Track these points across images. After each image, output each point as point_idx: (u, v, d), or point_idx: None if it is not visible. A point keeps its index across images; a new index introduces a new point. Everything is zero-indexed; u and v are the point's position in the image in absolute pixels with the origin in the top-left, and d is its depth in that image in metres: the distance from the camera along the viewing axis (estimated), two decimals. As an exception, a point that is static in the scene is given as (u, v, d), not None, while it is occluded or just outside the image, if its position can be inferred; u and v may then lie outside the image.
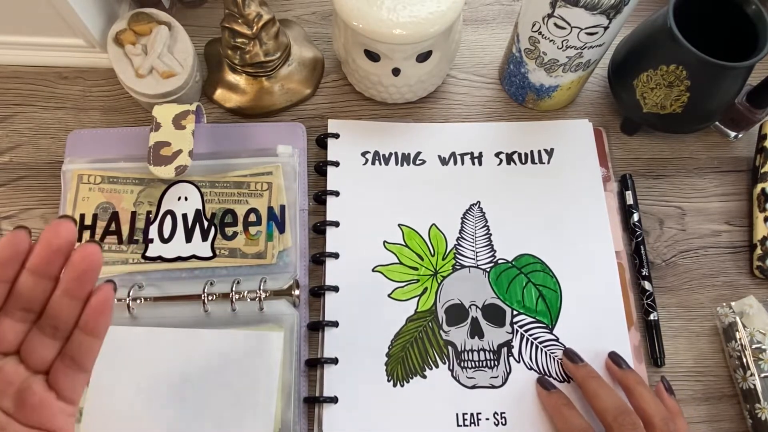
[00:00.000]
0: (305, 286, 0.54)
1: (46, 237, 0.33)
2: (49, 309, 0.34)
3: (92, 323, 0.35)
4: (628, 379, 0.48)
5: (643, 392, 0.46)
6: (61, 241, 0.33)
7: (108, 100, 0.61)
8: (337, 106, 0.62)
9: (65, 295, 0.34)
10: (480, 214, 0.57)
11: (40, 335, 0.35)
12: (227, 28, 0.56)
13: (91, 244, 0.34)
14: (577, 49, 0.52)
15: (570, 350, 0.51)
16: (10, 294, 0.34)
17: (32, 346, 0.35)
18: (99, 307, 0.35)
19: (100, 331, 0.35)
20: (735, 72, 0.51)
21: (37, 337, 0.35)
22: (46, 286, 0.34)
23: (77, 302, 0.34)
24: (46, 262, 0.33)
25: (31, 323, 0.35)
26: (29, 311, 0.34)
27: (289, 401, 0.49)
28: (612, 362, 0.50)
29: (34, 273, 0.33)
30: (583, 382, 0.48)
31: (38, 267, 0.33)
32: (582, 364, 0.50)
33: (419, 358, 0.51)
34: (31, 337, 0.35)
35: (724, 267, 0.57)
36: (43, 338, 0.35)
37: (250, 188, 0.56)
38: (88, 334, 0.35)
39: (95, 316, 0.35)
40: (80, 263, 0.33)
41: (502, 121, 0.62)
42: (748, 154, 0.62)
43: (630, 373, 0.48)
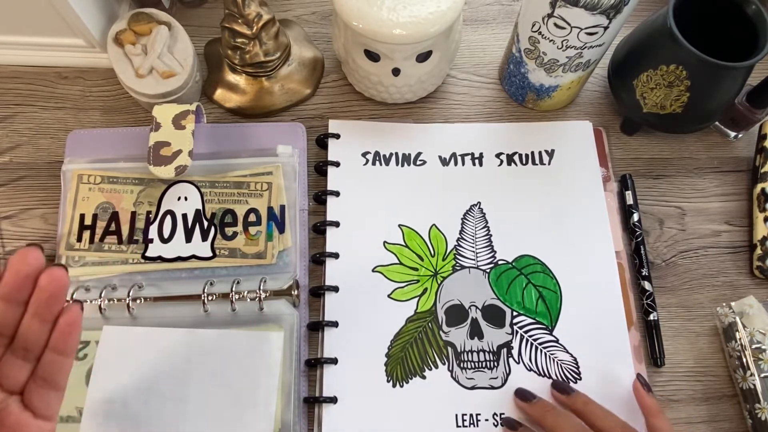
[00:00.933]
0: (305, 286, 0.54)
1: (14, 265, 0.34)
2: (20, 332, 0.36)
3: (62, 343, 0.36)
4: (576, 403, 0.48)
5: (593, 410, 0.47)
6: (29, 269, 0.34)
7: (108, 100, 0.61)
8: (337, 106, 0.62)
9: (34, 318, 0.35)
10: (480, 215, 0.57)
11: (12, 358, 0.36)
12: (227, 28, 0.56)
13: (58, 268, 0.35)
14: (577, 49, 0.52)
15: (521, 389, 0.50)
16: None
17: (6, 369, 0.36)
18: (67, 328, 0.36)
19: (70, 350, 0.37)
20: (735, 72, 0.51)
21: (10, 359, 0.36)
22: (17, 311, 0.35)
23: (46, 324, 0.36)
24: (16, 288, 0.34)
25: (4, 348, 0.36)
26: (1, 336, 0.36)
27: (289, 401, 0.49)
28: (557, 391, 0.49)
29: (4, 300, 0.35)
30: (541, 418, 0.48)
31: (8, 294, 0.34)
32: (535, 401, 0.49)
33: (419, 358, 0.51)
34: (5, 360, 0.36)
35: (724, 267, 0.57)
36: (15, 360, 0.36)
37: (250, 188, 0.56)
38: (59, 354, 0.36)
39: (64, 336, 0.36)
40: (47, 287, 0.35)
41: (502, 122, 0.62)
42: (748, 154, 0.62)
43: (576, 397, 0.48)
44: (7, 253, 0.55)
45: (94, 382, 0.48)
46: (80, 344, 0.49)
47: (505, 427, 0.49)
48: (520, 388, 0.51)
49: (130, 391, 0.48)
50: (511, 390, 0.51)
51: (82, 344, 0.50)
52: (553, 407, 0.48)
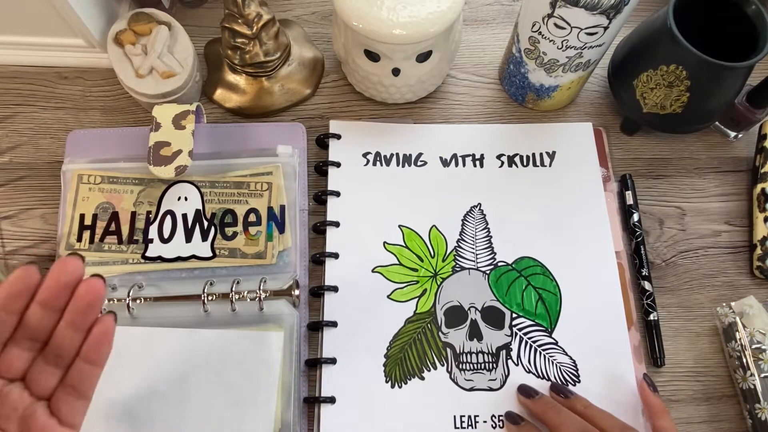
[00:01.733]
0: (305, 286, 0.54)
1: (55, 272, 0.35)
2: (54, 339, 0.37)
3: (93, 353, 0.37)
4: (575, 406, 0.48)
5: (593, 413, 0.47)
6: (68, 278, 0.35)
7: (108, 100, 0.61)
8: (337, 106, 0.62)
9: (69, 327, 0.36)
10: (480, 216, 0.57)
11: (44, 364, 0.37)
12: (227, 28, 0.56)
13: (96, 279, 0.36)
14: (577, 49, 0.52)
15: (524, 386, 0.50)
16: (20, 326, 0.36)
17: (37, 374, 0.37)
18: (100, 338, 0.37)
19: (101, 360, 0.38)
20: (735, 72, 0.51)
21: (42, 365, 0.37)
22: (53, 318, 0.36)
23: (80, 333, 0.37)
24: (55, 296, 0.35)
25: (36, 352, 0.37)
26: (35, 341, 0.37)
27: (289, 401, 0.49)
28: (556, 394, 0.50)
29: (42, 306, 0.35)
30: (543, 414, 0.48)
31: (47, 300, 0.35)
32: (538, 398, 0.49)
33: (418, 359, 0.51)
34: (36, 365, 0.37)
35: (724, 267, 0.57)
36: (46, 366, 0.37)
37: (250, 188, 0.56)
38: (89, 363, 0.37)
39: (97, 346, 0.37)
40: (85, 296, 0.36)
41: (502, 122, 0.62)
42: (748, 154, 0.62)
43: (576, 401, 0.48)
44: (7, 253, 0.55)
45: (94, 382, 0.48)
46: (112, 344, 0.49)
47: (508, 421, 0.49)
48: (523, 384, 0.51)
49: (130, 391, 0.48)
50: (510, 392, 0.50)
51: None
52: (555, 404, 0.48)
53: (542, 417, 0.48)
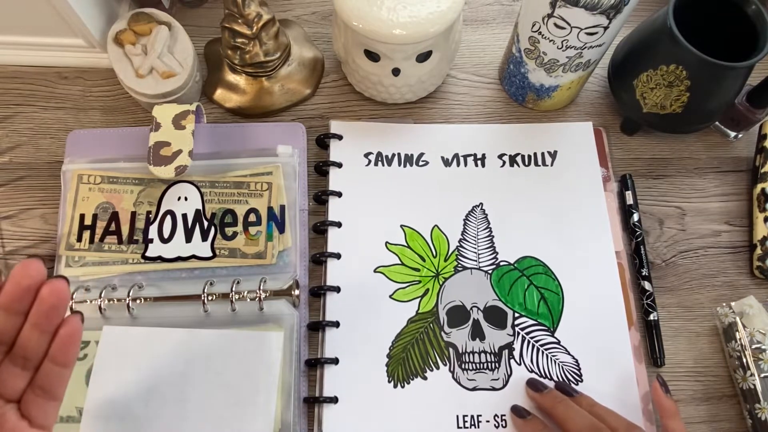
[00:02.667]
0: (305, 286, 0.54)
1: (16, 276, 0.35)
2: (20, 342, 0.36)
3: (61, 354, 0.37)
4: (581, 404, 0.48)
5: (598, 412, 0.47)
6: (30, 281, 0.35)
7: (108, 100, 0.61)
8: (337, 106, 0.62)
9: (35, 329, 0.36)
10: (482, 216, 0.57)
11: (11, 366, 0.36)
12: (227, 28, 0.56)
13: (59, 280, 0.35)
14: (577, 49, 0.52)
15: (533, 379, 0.51)
16: None
17: (4, 377, 0.36)
18: (67, 339, 0.37)
19: (69, 361, 0.37)
20: (735, 72, 0.51)
21: (9, 368, 0.36)
22: (17, 321, 0.36)
23: (46, 335, 0.36)
24: (17, 299, 0.35)
25: (2, 355, 0.36)
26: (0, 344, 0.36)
27: (289, 401, 0.49)
28: (563, 393, 0.49)
29: (4, 310, 0.35)
30: (552, 408, 0.48)
31: (9, 305, 0.35)
32: (547, 392, 0.49)
33: (420, 359, 0.51)
34: (3, 368, 0.36)
35: (724, 267, 0.57)
36: (14, 369, 0.36)
37: (250, 188, 0.56)
38: (58, 365, 0.37)
39: (63, 347, 0.37)
40: (48, 298, 0.35)
41: (502, 122, 0.62)
42: (748, 154, 0.62)
43: (581, 399, 0.48)
44: (7, 253, 0.55)
45: (94, 382, 0.48)
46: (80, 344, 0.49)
47: (515, 415, 0.49)
48: (531, 378, 0.51)
49: (130, 391, 0.48)
50: (513, 391, 0.50)
51: (83, 344, 0.50)
52: (564, 398, 0.48)
53: (550, 411, 0.48)
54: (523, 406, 0.50)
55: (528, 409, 0.49)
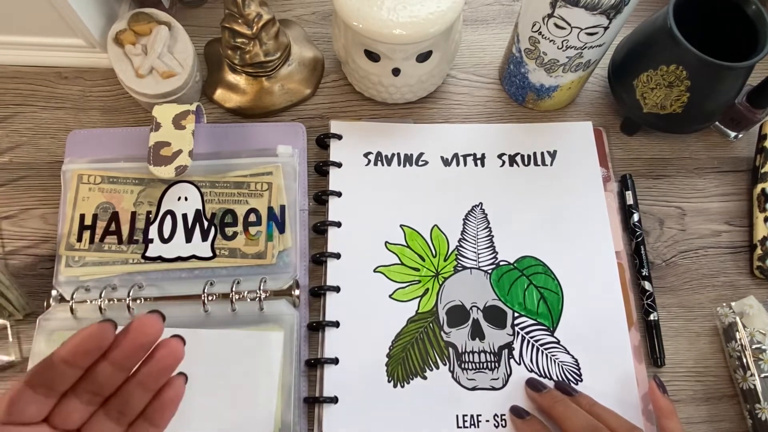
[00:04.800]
0: (305, 286, 0.54)
1: (132, 334, 0.33)
2: (121, 395, 0.35)
3: (159, 415, 0.36)
4: (580, 404, 0.48)
5: (598, 412, 0.46)
6: (147, 339, 0.34)
7: (108, 100, 0.61)
8: (337, 106, 0.62)
9: (139, 386, 0.35)
10: (482, 216, 0.57)
11: (104, 418, 0.35)
12: (227, 28, 0.56)
13: (176, 341, 0.35)
14: (577, 49, 0.52)
15: (532, 379, 0.51)
16: (83, 378, 0.34)
17: (95, 429, 0.35)
18: (170, 402, 0.36)
19: (165, 423, 0.36)
20: (735, 72, 0.51)
21: (102, 419, 0.35)
22: (122, 376, 0.35)
23: (150, 393, 0.35)
24: (130, 356, 0.34)
25: (97, 405, 0.35)
26: (98, 395, 0.35)
27: (289, 401, 0.49)
28: (562, 392, 0.49)
29: (114, 364, 0.34)
30: (550, 408, 0.48)
31: (121, 361, 0.34)
32: (546, 391, 0.49)
33: (420, 359, 0.51)
34: (96, 418, 0.35)
35: (724, 267, 0.57)
36: (107, 422, 0.35)
37: (250, 188, 0.56)
38: (152, 425, 0.36)
39: (164, 410, 0.36)
40: (163, 360, 0.35)
41: (502, 122, 0.62)
42: (748, 154, 0.62)
43: (581, 398, 0.48)
44: (7, 253, 0.55)
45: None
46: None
47: (513, 415, 0.49)
48: (531, 377, 0.51)
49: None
50: (512, 391, 0.50)
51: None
52: (563, 398, 0.48)
53: (549, 411, 0.48)
54: (521, 407, 0.50)
55: (527, 410, 0.49)
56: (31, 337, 0.50)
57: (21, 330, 0.52)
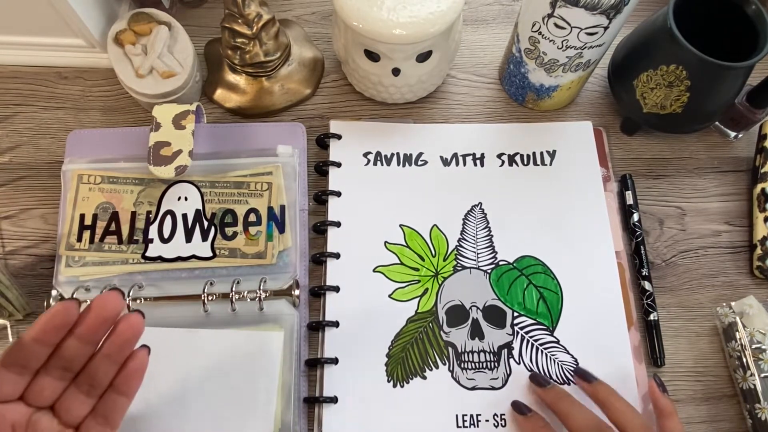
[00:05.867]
0: (305, 286, 0.54)
1: (95, 309, 0.37)
2: (89, 369, 0.38)
3: (126, 385, 0.39)
4: (598, 393, 0.47)
5: (616, 404, 0.45)
6: (109, 313, 0.37)
7: (108, 100, 0.61)
8: (337, 106, 0.62)
9: (105, 358, 0.38)
10: (481, 215, 0.57)
11: (75, 392, 0.38)
12: (227, 28, 0.56)
13: (136, 315, 0.38)
14: (577, 49, 0.52)
15: (536, 374, 0.50)
16: (53, 355, 0.37)
17: (68, 403, 0.38)
18: (134, 372, 0.39)
19: (133, 391, 0.40)
20: (735, 72, 0.51)
21: (74, 394, 0.38)
22: (88, 350, 0.37)
23: (115, 365, 0.39)
24: (94, 331, 0.37)
25: (68, 381, 0.38)
26: (68, 370, 0.38)
27: (289, 401, 0.49)
28: (580, 378, 0.49)
29: (80, 339, 0.37)
30: (554, 404, 0.47)
31: (86, 335, 0.37)
32: (550, 387, 0.49)
33: (419, 358, 0.51)
34: (68, 393, 0.38)
35: (724, 267, 0.57)
36: (78, 395, 0.38)
37: (250, 188, 0.56)
38: (120, 394, 0.39)
39: (130, 379, 0.39)
40: (125, 332, 0.38)
41: (502, 122, 0.62)
42: (748, 154, 0.62)
43: (600, 387, 0.47)
44: (7, 253, 0.55)
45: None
46: None
47: (515, 411, 0.49)
48: (534, 372, 0.51)
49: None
50: (512, 391, 0.50)
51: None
52: (567, 394, 0.48)
53: (553, 406, 0.47)
54: (523, 402, 0.49)
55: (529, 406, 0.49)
56: (31, 336, 0.50)
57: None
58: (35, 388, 0.37)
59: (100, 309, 0.36)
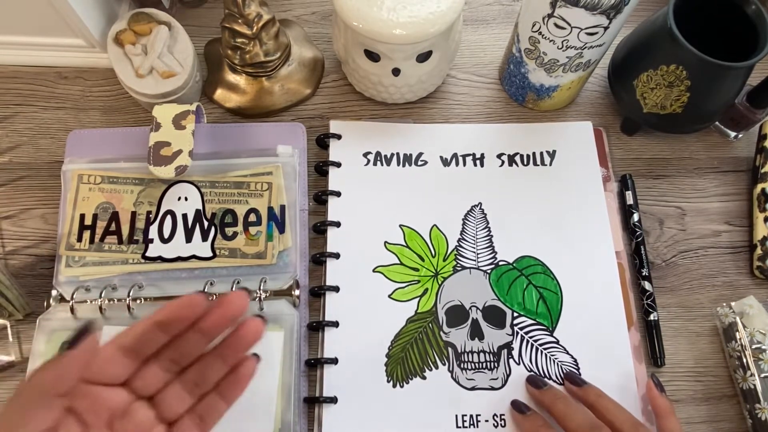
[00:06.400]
0: (305, 286, 0.54)
1: (225, 305, 0.37)
2: (199, 366, 0.37)
3: (231, 390, 0.39)
4: (588, 395, 0.47)
5: (605, 404, 0.46)
6: (235, 312, 0.37)
7: (108, 100, 0.61)
8: (337, 106, 0.62)
9: (218, 358, 0.38)
10: (481, 216, 0.57)
11: (179, 387, 0.37)
12: (227, 28, 0.56)
13: (259, 320, 0.38)
14: (577, 49, 0.52)
15: (533, 376, 0.51)
16: (168, 345, 0.36)
17: (169, 397, 0.37)
18: (243, 378, 0.39)
19: (234, 398, 0.39)
20: (735, 72, 0.51)
21: (176, 388, 0.37)
22: (203, 345, 0.37)
23: (226, 367, 0.38)
24: (217, 326, 0.37)
25: (174, 374, 0.37)
26: (176, 363, 0.37)
27: (289, 401, 0.49)
28: (570, 382, 0.49)
29: (201, 333, 0.36)
30: (551, 405, 0.47)
31: (208, 329, 0.37)
32: (546, 388, 0.49)
33: (419, 359, 0.51)
34: (171, 387, 0.37)
35: (724, 267, 0.57)
36: (181, 391, 0.37)
37: (250, 188, 0.56)
38: (222, 398, 0.38)
39: (236, 384, 0.38)
40: (246, 336, 0.38)
41: (502, 122, 0.62)
42: (748, 154, 0.62)
43: (589, 389, 0.48)
44: (7, 253, 0.55)
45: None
46: None
47: (514, 410, 0.49)
48: (531, 374, 0.51)
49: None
50: (512, 391, 0.50)
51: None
52: (564, 395, 0.48)
53: (550, 408, 0.47)
54: (523, 402, 0.50)
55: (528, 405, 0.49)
56: (31, 337, 0.50)
57: (21, 330, 0.52)
58: (143, 375, 0.36)
59: (229, 305, 0.36)
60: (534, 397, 0.50)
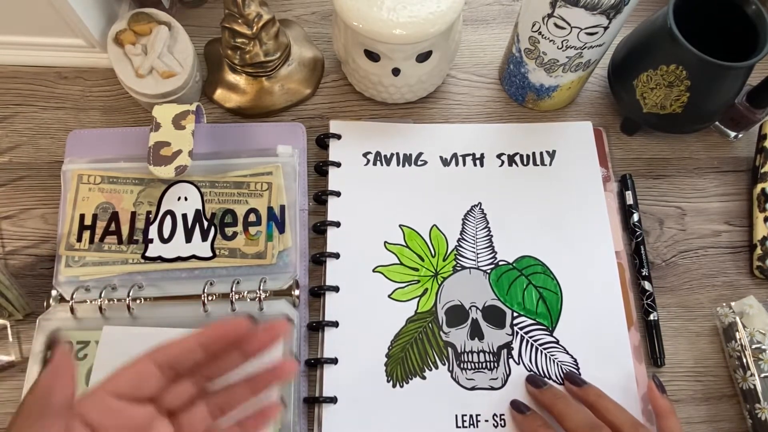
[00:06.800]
0: (305, 286, 0.54)
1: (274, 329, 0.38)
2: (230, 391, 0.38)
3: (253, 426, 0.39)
4: (588, 395, 0.48)
5: (605, 404, 0.46)
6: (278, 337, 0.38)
7: (108, 100, 0.61)
8: (337, 106, 0.62)
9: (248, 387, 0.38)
10: (481, 216, 0.57)
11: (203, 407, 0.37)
12: (227, 28, 0.56)
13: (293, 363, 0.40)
14: (577, 49, 0.52)
15: (532, 376, 0.51)
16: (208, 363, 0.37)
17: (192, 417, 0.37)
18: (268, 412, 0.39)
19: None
20: (735, 72, 0.51)
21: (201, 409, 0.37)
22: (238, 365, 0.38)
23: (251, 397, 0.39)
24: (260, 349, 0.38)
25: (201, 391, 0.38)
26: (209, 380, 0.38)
27: (289, 401, 0.49)
28: (570, 382, 0.49)
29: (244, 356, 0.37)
30: (550, 405, 0.47)
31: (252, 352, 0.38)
32: (546, 388, 0.49)
33: (419, 358, 0.51)
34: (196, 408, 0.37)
35: (724, 267, 0.57)
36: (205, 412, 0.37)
37: (250, 188, 0.56)
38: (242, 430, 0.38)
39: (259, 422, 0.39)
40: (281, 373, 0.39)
41: (502, 122, 0.62)
42: (748, 154, 0.62)
43: (589, 389, 0.48)
44: (7, 253, 0.55)
45: (94, 382, 0.48)
46: (80, 344, 0.49)
47: (514, 410, 0.49)
48: (531, 374, 0.51)
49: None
50: (511, 391, 0.50)
51: (82, 344, 0.50)
52: (563, 395, 0.48)
53: (550, 407, 0.47)
54: (522, 401, 0.50)
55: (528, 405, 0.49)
56: (31, 337, 0.50)
57: (21, 330, 0.52)
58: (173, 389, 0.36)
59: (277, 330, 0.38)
60: (534, 397, 0.50)
